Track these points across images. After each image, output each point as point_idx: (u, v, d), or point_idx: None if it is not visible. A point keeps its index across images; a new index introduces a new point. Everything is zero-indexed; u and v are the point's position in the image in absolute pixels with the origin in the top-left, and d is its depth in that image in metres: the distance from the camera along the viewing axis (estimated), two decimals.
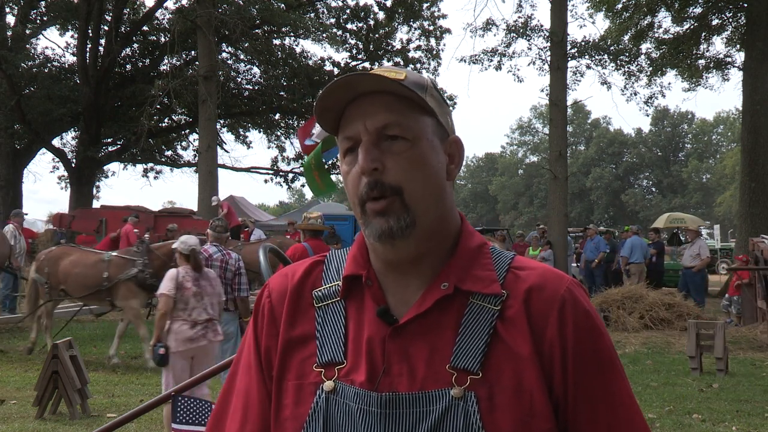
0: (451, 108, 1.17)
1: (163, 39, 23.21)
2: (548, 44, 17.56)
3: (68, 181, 23.77)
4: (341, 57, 25.22)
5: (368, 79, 1.03)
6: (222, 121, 24.70)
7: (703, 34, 20.37)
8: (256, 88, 24.95)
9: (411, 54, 24.16)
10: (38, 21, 24.24)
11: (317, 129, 5.08)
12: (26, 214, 14.63)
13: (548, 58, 17.64)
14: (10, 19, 23.15)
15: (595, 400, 1.03)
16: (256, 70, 25.00)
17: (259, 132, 26.80)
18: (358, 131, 1.05)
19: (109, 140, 25.07)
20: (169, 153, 27.58)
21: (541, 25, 19.48)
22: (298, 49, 24.36)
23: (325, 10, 23.97)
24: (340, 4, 23.83)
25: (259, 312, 1.16)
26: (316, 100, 1.06)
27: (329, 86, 1.03)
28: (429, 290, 1.05)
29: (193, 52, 22.44)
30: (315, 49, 36.52)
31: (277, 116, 25.64)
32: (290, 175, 26.19)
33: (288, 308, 1.11)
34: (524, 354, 1.00)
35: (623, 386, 1.06)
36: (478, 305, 1.04)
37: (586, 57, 20.11)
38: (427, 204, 1.05)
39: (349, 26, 24.10)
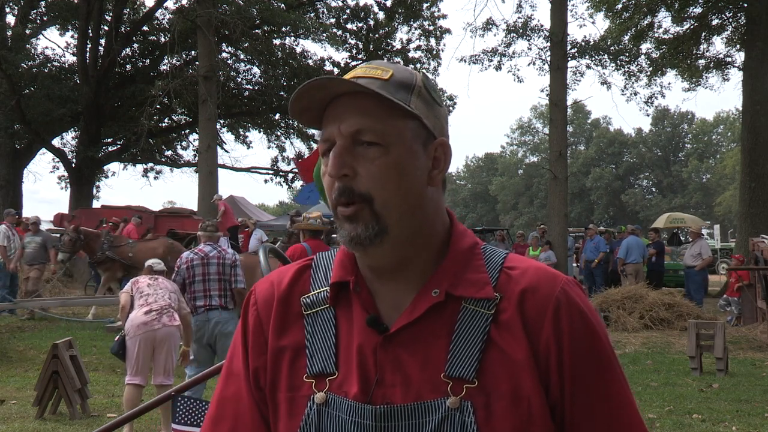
0: (445, 107, 1.11)
1: (163, 39, 23.22)
2: (548, 44, 17.57)
3: (68, 181, 23.78)
4: (341, 57, 25.23)
5: (340, 83, 1.00)
6: (222, 121, 24.71)
7: (703, 34, 20.39)
8: (256, 88, 24.97)
9: (411, 54, 24.18)
10: (38, 21, 24.26)
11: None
12: (17, 215, 14.58)
13: (548, 58, 17.65)
14: (10, 19, 23.18)
15: (592, 401, 1.01)
16: (256, 70, 25.03)
17: (259, 132, 26.82)
18: (333, 134, 1.02)
19: (109, 140, 25.09)
20: (169, 153, 27.60)
21: (541, 25, 19.49)
22: (298, 49, 24.39)
23: (325, 10, 23.99)
24: (340, 4, 23.85)
25: (245, 321, 1.12)
26: (290, 100, 1.03)
27: (300, 89, 1.00)
28: (420, 297, 1.02)
29: (193, 52, 22.46)
30: (315, 49, 36.54)
31: (277, 116, 25.63)
32: (290, 175, 26.20)
33: (275, 317, 1.08)
34: (520, 359, 0.98)
35: (621, 387, 1.04)
36: (471, 310, 1.01)
37: (586, 57, 20.11)
38: (400, 213, 1.01)
39: (349, 26, 24.11)
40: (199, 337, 6.16)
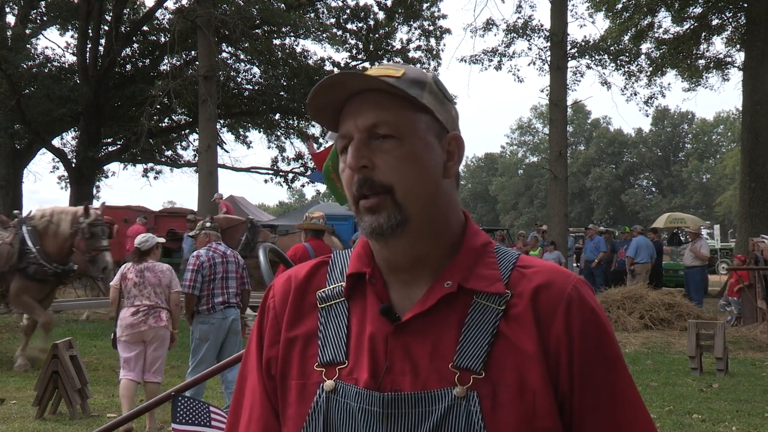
0: (455, 104, 1.16)
1: (163, 39, 23.19)
2: (548, 44, 17.58)
3: (68, 181, 23.76)
4: (341, 57, 25.16)
5: (356, 78, 1.04)
6: (222, 121, 24.67)
7: (703, 34, 20.39)
8: (256, 88, 24.93)
9: (411, 54, 24.15)
10: (38, 21, 24.24)
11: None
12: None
13: (548, 58, 17.66)
14: (10, 19, 23.17)
15: (600, 396, 1.03)
16: (256, 70, 24.98)
17: (259, 132, 26.77)
18: (350, 130, 1.06)
19: (109, 140, 25.06)
20: (169, 153, 27.56)
21: (541, 25, 19.50)
22: (298, 49, 24.33)
23: (325, 10, 23.96)
24: (340, 4, 23.82)
25: (264, 313, 1.16)
26: (307, 100, 1.07)
27: (317, 86, 1.05)
28: (432, 288, 1.05)
29: (193, 52, 22.43)
30: (315, 49, 36.43)
31: (277, 116, 25.60)
32: (290, 175, 26.18)
33: (291, 308, 1.12)
34: (529, 352, 1.01)
35: (628, 383, 1.07)
36: (481, 304, 1.04)
37: (586, 57, 20.11)
38: (420, 202, 1.05)
39: (349, 26, 24.08)
40: (216, 335, 6.12)
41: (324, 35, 22.01)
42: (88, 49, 21.53)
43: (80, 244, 8.25)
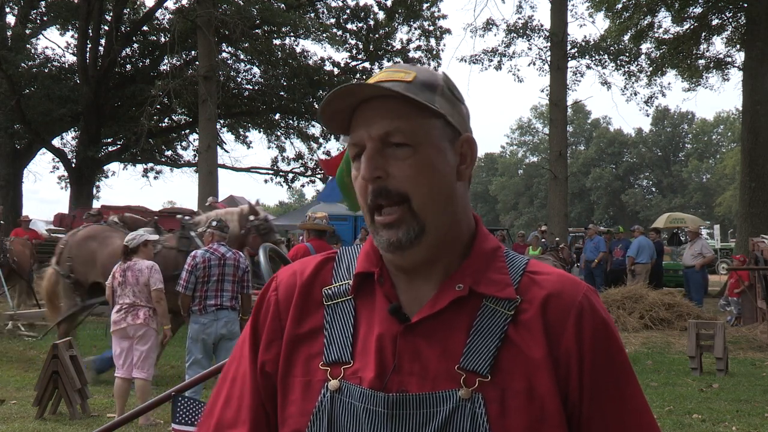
0: (466, 104, 1.15)
1: (163, 39, 23.18)
2: (548, 44, 17.59)
3: (68, 181, 23.75)
4: (341, 57, 25.13)
5: (367, 88, 1.03)
6: (222, 121, 24.66)
7: (703, 34, 20.40)
8: (256, 88, 24.92)
9: (411, 54, 24.13)
10: (38, 21, 24.23)
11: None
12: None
13: (548, 58, 17.68)
14: (10, 19, 23.17)
15: (610, 402, 1.04)
16: (256, 70, 24.97)
17: (259, 132, 26.77)
18: (362, 138, 1.05)
19: (109, 140, 25.04)
20: (169, 153, 27.55)
21: (542, 25, 19.52)
22: (298, 49, 24.32)
23: (325, 10, 23.95)
24: (340, 4, 23.82)
25: (263, 305, 1.15)
26: (319, 109, 1.06)
27: (329, 96, 1.03)
28: (443, 290, 1.05)
29: (193, 52, 22.42)
30: (315, 49, 36.39)
31: (277, 116, 25.61)
32: (290, 175, 26.18)
33: (296, 305, 1.11)
34: (537, 359, 1.00)
35: (637, 392, 1.08)
36: (491, 308, 1.04)
37: (586, 57, 20.12)
38: (436, 210, 1.04)
39: (349, 26, 24.06)
40: (205, 336, 6.12)
41: (324, 35, 21.99)
42: (88, 49, 21.52)
43: (255, 241, 7.77)
